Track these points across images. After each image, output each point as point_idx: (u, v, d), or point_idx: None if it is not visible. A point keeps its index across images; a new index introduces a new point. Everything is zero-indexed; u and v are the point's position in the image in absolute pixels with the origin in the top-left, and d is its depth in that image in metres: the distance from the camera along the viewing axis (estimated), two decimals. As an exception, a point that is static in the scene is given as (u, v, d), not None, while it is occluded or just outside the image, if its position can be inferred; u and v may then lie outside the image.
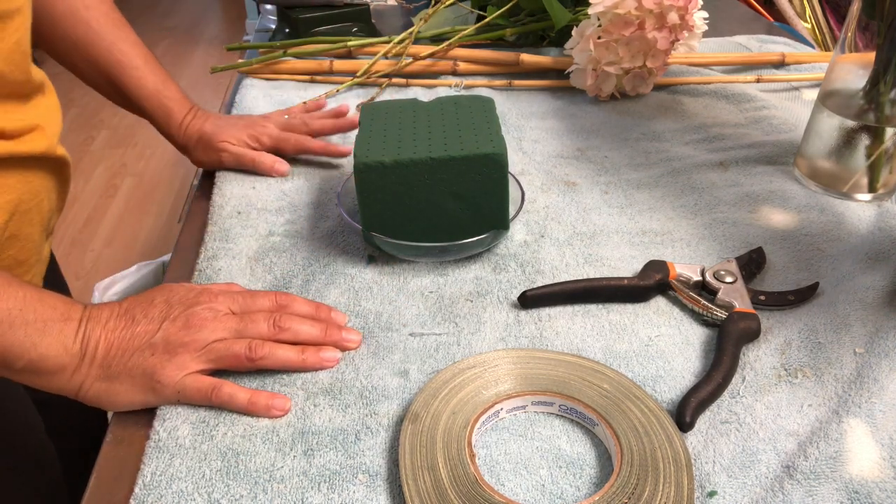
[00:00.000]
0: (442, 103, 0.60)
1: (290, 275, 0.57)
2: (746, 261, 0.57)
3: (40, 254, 0.58)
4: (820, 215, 0.64)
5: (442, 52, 0.90)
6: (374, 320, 0.53)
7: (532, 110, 0.84)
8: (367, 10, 1.01)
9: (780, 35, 1.04)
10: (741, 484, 0.41)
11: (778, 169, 0.71)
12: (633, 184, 0.69)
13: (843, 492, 0.40)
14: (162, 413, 0.45)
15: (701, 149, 0.75)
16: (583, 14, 0.90)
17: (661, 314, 0.54)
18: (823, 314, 0.52)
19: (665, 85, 0.87)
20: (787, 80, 0.89)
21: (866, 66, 0.62)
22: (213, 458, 0.43)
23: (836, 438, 0.43)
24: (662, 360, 0.50)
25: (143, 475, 0.42)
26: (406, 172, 0.53)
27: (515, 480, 0.42)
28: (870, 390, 0.45)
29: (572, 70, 0.84)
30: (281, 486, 0.41)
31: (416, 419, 0.44)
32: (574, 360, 0.48)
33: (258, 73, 0.90)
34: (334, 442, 0.44)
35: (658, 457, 0.41)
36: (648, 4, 0.75)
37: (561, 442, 0.44)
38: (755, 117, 0.80)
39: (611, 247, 0.61)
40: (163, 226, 2.01)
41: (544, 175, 0.71)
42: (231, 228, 0.62)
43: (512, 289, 0.56)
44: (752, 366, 0.49)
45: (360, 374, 0.49)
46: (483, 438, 0.45)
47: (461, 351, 0.50)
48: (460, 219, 0.55)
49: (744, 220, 0.63)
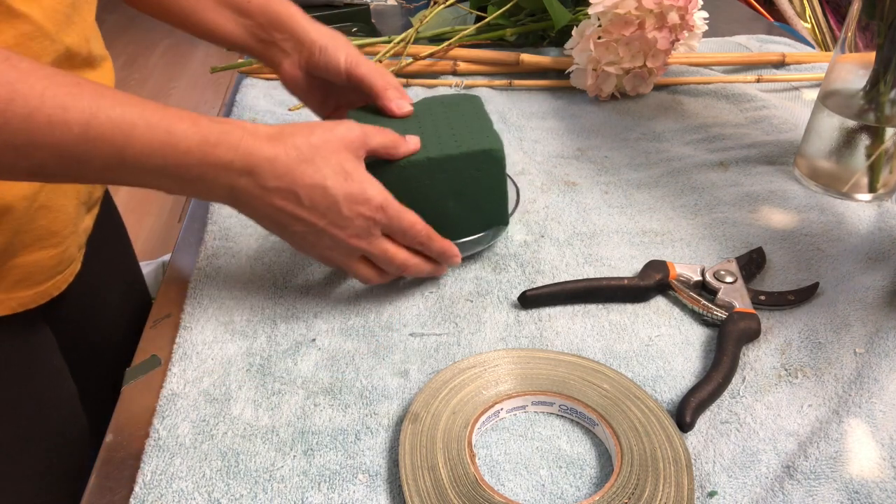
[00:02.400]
0: (428, 104, 0.58)
1: (290, 274, 0.57)
2: (746, 261, 0.57)
3: (76, 226, 0.57)
4: (820, 215, 0.64)
5: (442, 52, 0.90)
6: (375, 320, 0.53)
7: (532, 110, 0.84)
8: (367, 10, 1.01)
9: (780, 35, 1.04)
10: (741, 484, 0.41)
11: (778, 169, 0.71)
12: (633, 184, 0.69)
13: (843, 492, 0.40)
14: (162, 411, 0.45)
15: (701, 149, 0.75)
16: (583, 14, 0.90)
17: (661, 314, 0.54)
18: (823, 314, 0.52)
19: (665, 85, 0.87)
20: (787, 80, 0.89)
21: (866, 66, 0.62)
22: (214, 458, 0.43)
23: (836, 438, 0.43)
24: (662, 360, 0.50)
25: (143, 474, 0.42)
26: (404, 175, 0.52)
27: (515, 480, 0.42)
28: (870, 390, 0.45)
29: (572, 70, 0.84)
30: (281, 486, 0.41)
31: (416, 419, 0.44)
32: (574, 360, 0.48)
33: (258, 73, 0.90)
34: (334, 442, 0.44)
35: (658, 457, 0.41)
36: (648, 4, 0.75)
37: (561, 442, 0.44)
38: (755, 117, 0.80)
39: (611, 247, 0.61)
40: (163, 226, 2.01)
41: (544, 175, 0.71)
42: (231, 228, 0.62)
43: (512, 289, 0.56)
44: (752, 366, 0.49)
45: (361, 374, 0.49)
46: (483, 438, 0.45)
47: (461, 351, 0.50)
48: (460, 217, 0.55)
49: (744, 220, 0.63)
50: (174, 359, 0.49)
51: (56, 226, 0.53)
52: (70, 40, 0.48)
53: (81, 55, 0.50)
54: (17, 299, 0.53)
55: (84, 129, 0.39)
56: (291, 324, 0.52)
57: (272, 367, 0.49)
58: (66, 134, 0.38)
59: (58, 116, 0.38)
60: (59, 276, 0.56)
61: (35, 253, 0.52)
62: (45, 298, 0.55)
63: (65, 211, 0.54)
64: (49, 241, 0.53)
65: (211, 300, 0.54)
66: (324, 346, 0.51)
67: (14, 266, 0.51)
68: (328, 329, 0.52)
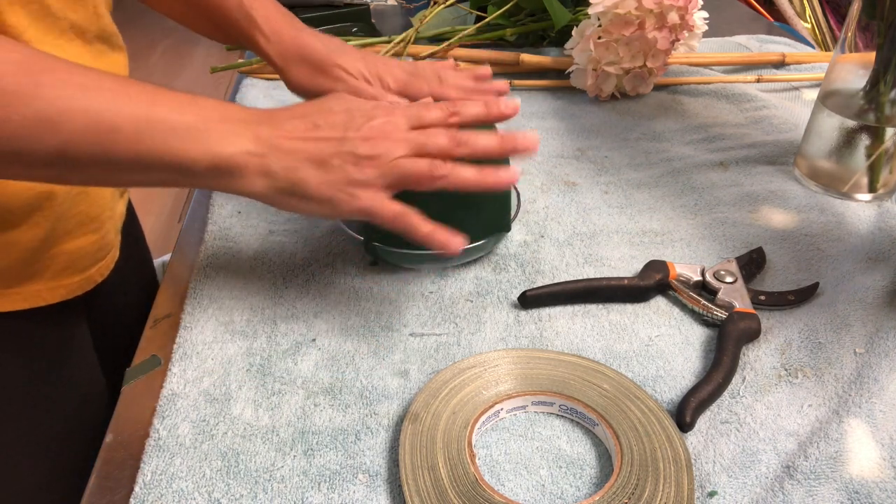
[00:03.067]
0: None
1: (291, 274, 0.57)
2: (746, 261, 0.57)
3: (113, 210, 0.58)
4: (820, 215, 0.64)
5: (442, 52, 0.90)
6: (375, 320, 0.53)
7: (532, 110, 0.84)
8: (367, 10, 1.01)
9: (780, 35, 1.04)
10: (741, 484, 0.41)
11: (778, 169, 0.71)
12: (633, 184, 0.69)
13: (843, 492, 0.40)
14: (162, 411, 0.45)
15: (701, 149, 0.75)
16: (583, 14, 0.91)
17: (661, 314, 0.54)
18: (823, 314, 0.52)
19: (665, 85, 0.87)
20: (787, 80, 0.89)
21: (866, 66, 0.62)
22: (214, 458, 0.43)
23: (836, 438, 0.43)
24: (662, 360, 0.50)
25: (143, 474, 0.42)
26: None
27: (515, 480, 0.42)
28: (870, 390, 0.45)
29: (572, 70, 0.84)
30: (281, 486, 0.41)
31: (416, 419, 0.44)
32: (574, 360, 0.48)
33: (258, 72, 0.90)
34: (334, 442, 0.44)
35: (658, 457, 0.41)
36: (648, 4, 0.75)
37: (561, 442, 0.44)
38: (755, 117, 0.80)
39: (611, 247, 0.61)
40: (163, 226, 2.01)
41: (544, 175, 0.71)
42: (231, 228, 0.62)
43: (512, 289, 0.56)
44: (753, 366, 0.49)
45: (361, 374, 0.49)
46: (483, 438, 0.45)
47: (461, 351, 0.50)
48: (463, 224, 0.55)
49: (744, 220, 0.63)
50: (174, 359, 0.49)
51: (95, 210, 0.54)
52: (76, 17, 0.48)
53: (91, 31, 0.51)
54: (66, 287, 0.54)
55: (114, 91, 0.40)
56: (291, 324, 0.53)
57: (272, 367, 0.49)
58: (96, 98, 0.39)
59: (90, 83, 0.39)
60: (102, 262, 0.58)
61: (78, 238, 0.53)
62: (90, 285, 0.57)
63: (101, 195, 0.54)
64: (89, 226, 0.54)
65: (211, 300, 0.54)
66: (324, 346, 0.51)
67: (59, 253, 0.52)
68: (328, 329, 0.52)
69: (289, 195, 0.45)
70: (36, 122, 0.37)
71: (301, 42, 0.57)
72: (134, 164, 0.41)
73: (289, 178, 0.44)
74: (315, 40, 0.57)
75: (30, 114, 0.37)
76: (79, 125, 0.38)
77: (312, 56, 0.56)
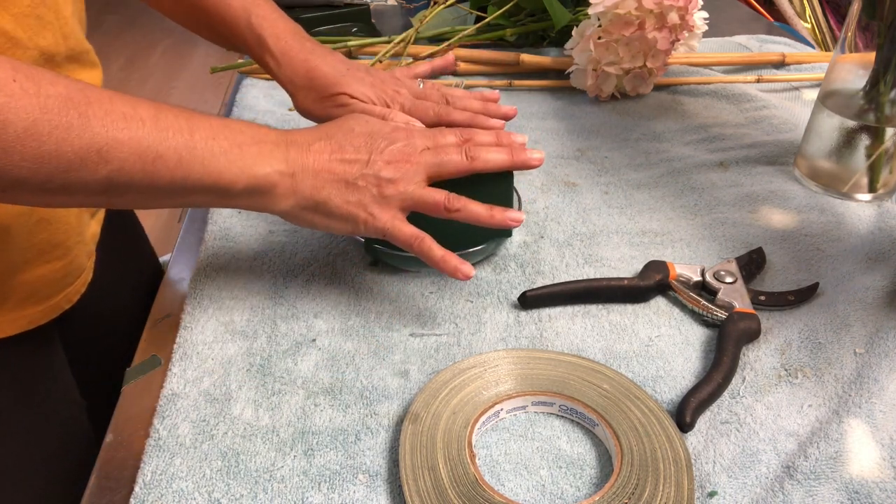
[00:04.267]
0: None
1: (291, 274, 0.57)
2: (746, 261, 0.57)
3: (82, 235, 0.56)
4: (820, 215, 0.64)
5: (442, 52, 0.90)
6: (375, 320, 0.53)
7: (532, 110, 0.84)
8: (367, 10, 1.01)
9: (780, 35, 1.04)
10: (741, 484, 0.41)
11: (778, 169, 0.71)
12: (633, 184, 0.69)
13: (843, 492, 0.40)
14: (162, 411, 0.45)
15: (701, 149, 0.75)
16: (583, 14, 0.90)
17: (661, 314, 0.54)
18: (823, 314, 0.52)
19: (665, 85, 0.87)
20: (787, 80, 0.89)
21: (866, 66, 0.62)
22: (214, 458, 0.43)
23: (836, 438, 0.43)
24: (662, 361, 0.50)
25: (144, 474, 0.42)
26: None
27: (515, 480, 0.42)
28: (870, 390, 0.45)
29: (572, 70, 0.84)
30: (281, 486, 0.41)
31: (416, 419, 0.44)
32: (574, 361, 0.48)
33: (258, 72, 0.90)
34: (334, 442, 0.44)
35: (658, 457, 0.41)
36: (648, 4, 0.75)
37: (561, 442, 0.44)
38: (755, 117, 0.80)
39: (611, 247, 0.61)
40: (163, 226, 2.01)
41: (544, 175, 0.71)
42: (231, 228, 0.62)
43: (512, 289, 0.56)
44: (752, 366, 0.49)
45: (361, 374, 0.49)
46: (483, 438, 0.45)
47: (461, 351, 0.50)
48: (466, 228, 0.55)
49: (744, 220, 0.63)
50: (174, 359, 0.49)
51: (59, 237, 0.53)
52: (45, 43, 0.47)
53: (61, 54, 0.50)
54: (27, 316, 0.52)
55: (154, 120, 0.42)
56: (291, 324, 0.53)
57: (272, 367, 0.49)
58: (140, 128, 0.41)
59: (129, 111, 0.40)
60: (70, 288, 0.56)
61: (40, 267, 0.52)
62: (56, 312, 0.55)
63: (65, 221, 0.53)
64: (53, 253, 0.53)
65: (211, 300, 0.54)
66: (324, 346, 0.51)
67: (19, 283, 0.51)
68: (328, 329, 0.52)
69: (312, 212, 0.48)
70: (87, 154, 0.38)
71: (309, 66, 0.57)
72: (177, 189, 0.43)
73: (314, 196, 0.48)
74: (323, 64, 0.58)
75: (81, 146, 0.38)
76: (126, 154, 0.40)
77: (320, 82, 0.57)
